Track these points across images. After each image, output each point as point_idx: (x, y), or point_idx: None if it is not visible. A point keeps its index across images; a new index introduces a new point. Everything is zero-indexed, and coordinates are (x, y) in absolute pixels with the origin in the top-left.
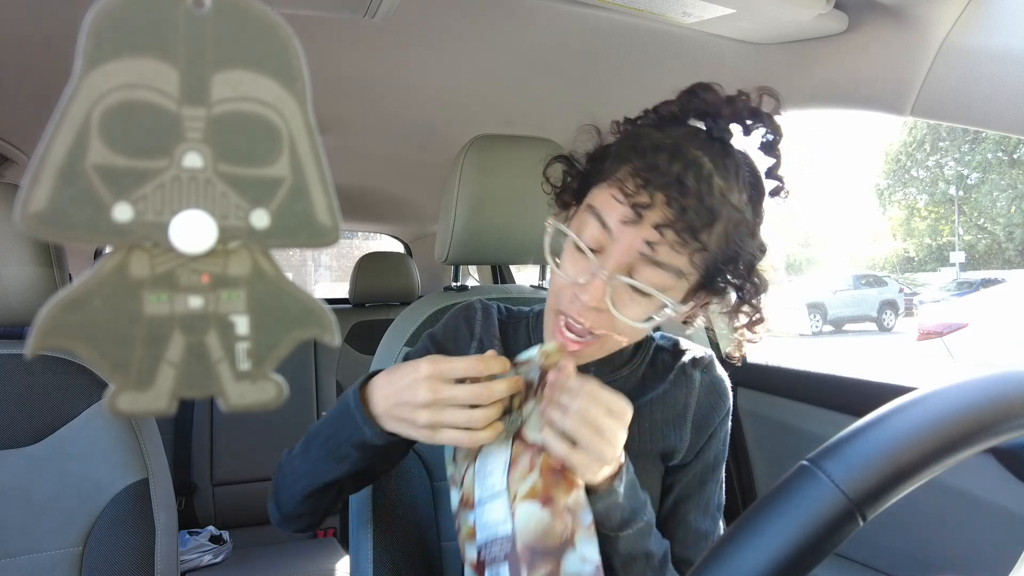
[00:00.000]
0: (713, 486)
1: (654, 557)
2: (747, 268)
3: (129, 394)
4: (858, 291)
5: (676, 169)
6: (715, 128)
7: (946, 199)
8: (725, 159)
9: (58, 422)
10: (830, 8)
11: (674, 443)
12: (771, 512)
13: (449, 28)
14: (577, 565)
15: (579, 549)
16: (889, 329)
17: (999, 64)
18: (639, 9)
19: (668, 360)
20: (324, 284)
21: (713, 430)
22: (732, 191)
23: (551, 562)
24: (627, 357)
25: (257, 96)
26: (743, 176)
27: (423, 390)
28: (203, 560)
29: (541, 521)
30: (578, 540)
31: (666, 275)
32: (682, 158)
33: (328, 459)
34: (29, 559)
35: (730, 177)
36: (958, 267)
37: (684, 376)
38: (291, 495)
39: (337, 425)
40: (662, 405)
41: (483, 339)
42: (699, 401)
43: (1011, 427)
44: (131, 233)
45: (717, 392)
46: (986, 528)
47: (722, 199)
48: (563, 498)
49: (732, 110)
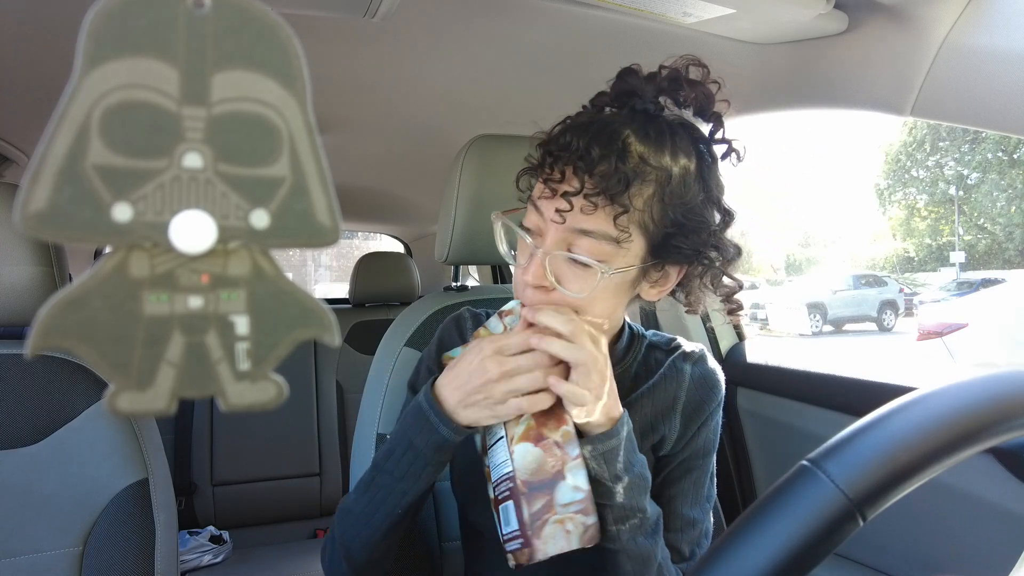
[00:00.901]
0: (701, 476)
1: (649, 518)
2: (705, 233)
3: (129, 394)
4: (858, 291)
5: (583, 142)
6: (639, 103)
7: (946, 199)
8: (648, 127)
9: (58, 422)
10: (830, 8)
11: (663, 433)
12: (771, 512)
13: (449, 28)
14: (569, 494)
15: (569, 479)
16: (889, 329)
17: (999, 64)
18: (639, 9)
19: (660, 357)
20: (324, 284)
21: (703, 420)
22: (659, 155)
23: (546, 493)
24: (619, 357)
25: (257, 96)
26: (679, 143)
27: (493, 365)
28: (203, 560)
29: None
30: (568, 471)
31: (601, 243)
32: (591, 131)
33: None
34: (29, 559)
35: (656, 142)
36: (958, 267)
37: (675, 370)
38: (366, 539)
39: (413, 433)
40: (652, 399)
41: None
42: (689, 394)
43: (1011, 427)
44: (131, 233)
45: (708, 385)
46: (986, 528)
47: (641, 162)
48: (553, 435)
49: (653, 84)
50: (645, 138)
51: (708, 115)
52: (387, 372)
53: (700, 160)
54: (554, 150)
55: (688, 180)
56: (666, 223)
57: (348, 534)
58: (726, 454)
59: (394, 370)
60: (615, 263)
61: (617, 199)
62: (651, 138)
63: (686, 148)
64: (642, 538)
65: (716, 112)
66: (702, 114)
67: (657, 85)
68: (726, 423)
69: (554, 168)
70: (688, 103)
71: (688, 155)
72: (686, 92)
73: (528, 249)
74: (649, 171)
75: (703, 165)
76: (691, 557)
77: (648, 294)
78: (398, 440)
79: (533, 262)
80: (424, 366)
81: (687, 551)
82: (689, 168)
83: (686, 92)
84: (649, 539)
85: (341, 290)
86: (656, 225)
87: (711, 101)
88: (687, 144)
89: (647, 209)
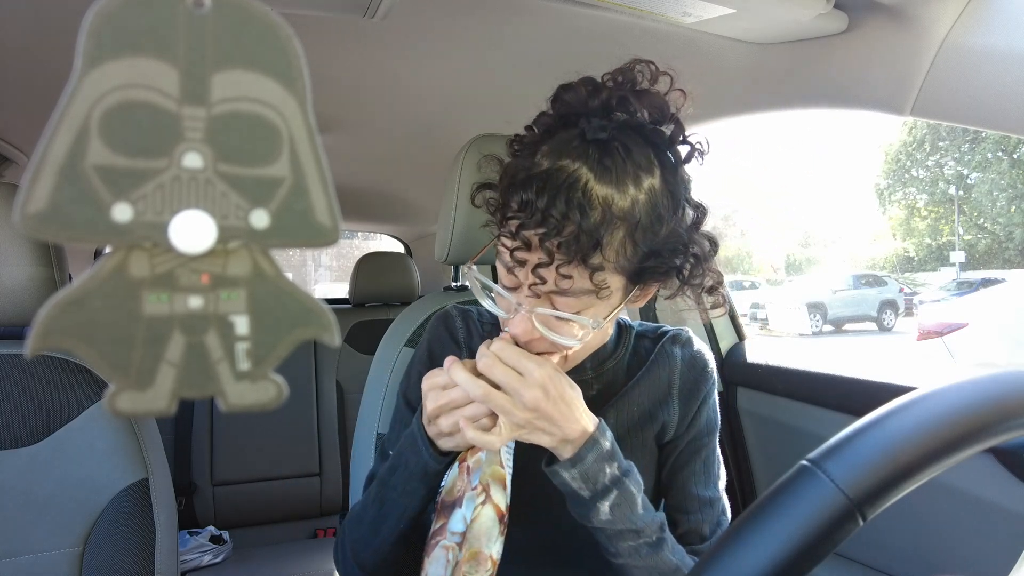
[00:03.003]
0: (710, 455)
1: (644, 533)
2: (681, 246)
3: (129, 394)
4: (858, 291)
5: (541, 202)
6: (588, 130)
7: (946, 199)
8: (606, 159)
9: (58, 422)
10: (830, 8)
11: (663, 420)
12: (771, 512)
13: (449, 28)
14: (459, 523)
15: (463, 508)
16: (889, 329)
17: (999, 64)
18: (639, 9)
19: (649, 345)
20: (324, 284)
21: (702, 399)
22: (623, 192)
23: (445, 516)
24: (610, 351)
25: (257, 96)
26: (639, 162)
27: (428, 402)
28: (203, 560)
29: (451, 479)
30: (465, 499)
31: (582, 298)
32: (549, 183)
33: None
34: (29, 559)
35: (616, 178)
36: (958, 267)
37: (665, 355)
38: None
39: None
40: (648, 387)
41: (470, 346)
42: (683, 376)
43: (1011, 427)
44: (131, 233)
45: (699, 364)
46: (986, 528)
47: (606, 211)
48: (470, 459)
49: (599, 102)
50: (604, 175)
51: (666, 120)
52: (387, 372)
53: (663, 168)
54: (512, 212)
55: (656, 203)
56: (641, 256)
57: (358, 543)
58: (726, 454)
59: (394, 370)
60: (601, 311)
61: (589, 260)
62: (610, 173)
63: (647, 164)
64: (646, 551)
65: (674, 115)
66: (659, 122)
67: (604, 102)
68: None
69: (516, 236)
70: (641, 112)
71: (650, 170)
72: (636, 105)
73: (510, 303)
74: (615, 219)
75: (667, 174)
76: (712, 536)
77: (632, 305)
78: (398, 457)
79: (518, 319)
80: (414, 370)
81: (707, 531)
82: (655, 187)
83: (636, 105)
84: (653, 551)
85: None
86: (632, 262)
87: (666, 107)
88: (648, 157)
89: (621, 253)
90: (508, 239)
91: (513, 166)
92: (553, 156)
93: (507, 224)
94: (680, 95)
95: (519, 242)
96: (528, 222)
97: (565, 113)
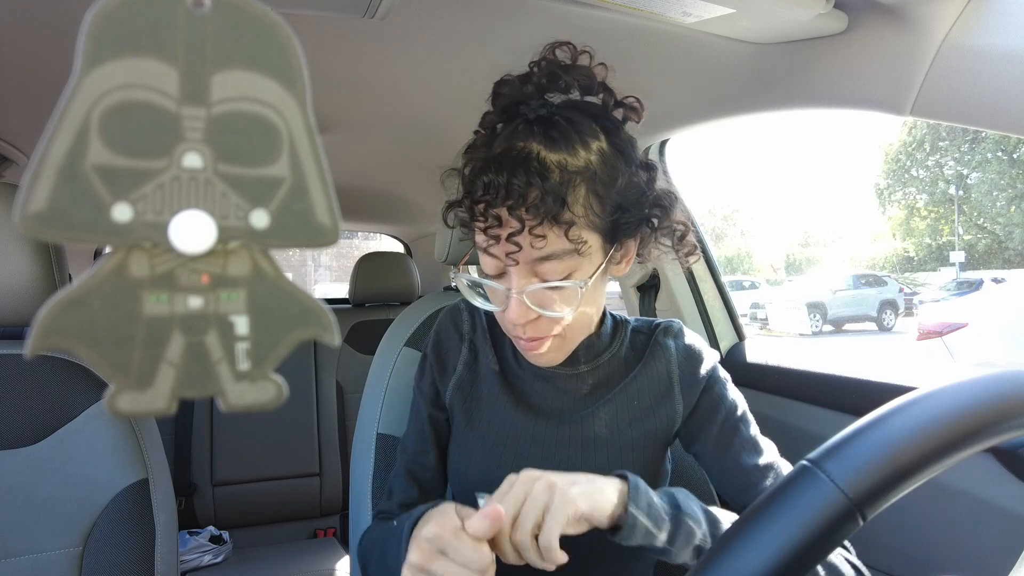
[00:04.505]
0: (747, 428)
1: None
2: (643, 197)
3: (129, 394)
4: (858, 291)
5: (501, 178)
6: (529, 112)
7: (946, 199)
8: (551, 131)
9: (58, 422)
10: (830, 8)
11: (667, 413)
12: (771, 512)
13: (449, 28)
14: None
15: None
16: (889, 329)
17: (999, 64)
18: (639, 9)
19: (644, 340)
20: (324, 284)
21: (706, 383)
22: (574, 154)
23: None
24: (606, 344)
25: (257, 96)
26: (584, 129)
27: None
28: (203, 560)
29: None
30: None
31: (565, 259)
32: (506, 162)
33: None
34: (29, 559)
35: (565, 143)
36: (958, 267)
37: (659, 346)
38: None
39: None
40: (647, 379)
41: (472, 340)
42: (681, 367)
43: (1011, 427)
44: (131, 233)
45: (695, 354)
46: (986, 528)
47: (563, 171)
48: None
49: (533, 86)
50: (554, 144)
51: (595, 89)
52: (387, 372)
53: (607, 134)
54: (478, 197)
55: (608, 160)
56: (609, 210)
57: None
58: None
59: (394, 370)
60: (586, 270)
61: (560, 217)
62: (559, 141)
63: (591, 130)
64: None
65: (602, 83)
66: (589, 92)
67: (537, 84)
68: None
69: (487, 216)
70: (572, 87)
71: (595, 135)
72: (565, 79)
73: (501, 293)
74: (574, 175)
75: (612, 138)
76: None
77: (617, 271)
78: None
79: (512, 303)
80: (428, 364)
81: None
82: (604, 148)
83: (565, 79)
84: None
85: (341, 290)
86: (602, 217)
87: (592, 76)
88: (590, 125)
89: (588, 208)
90: (481, 222)
91: (470, 162)
92: (504, 143)
93: (476, 210)
94: (602, 68)
95: (491, 220)
96: (495, 200)
97: (505, 106)
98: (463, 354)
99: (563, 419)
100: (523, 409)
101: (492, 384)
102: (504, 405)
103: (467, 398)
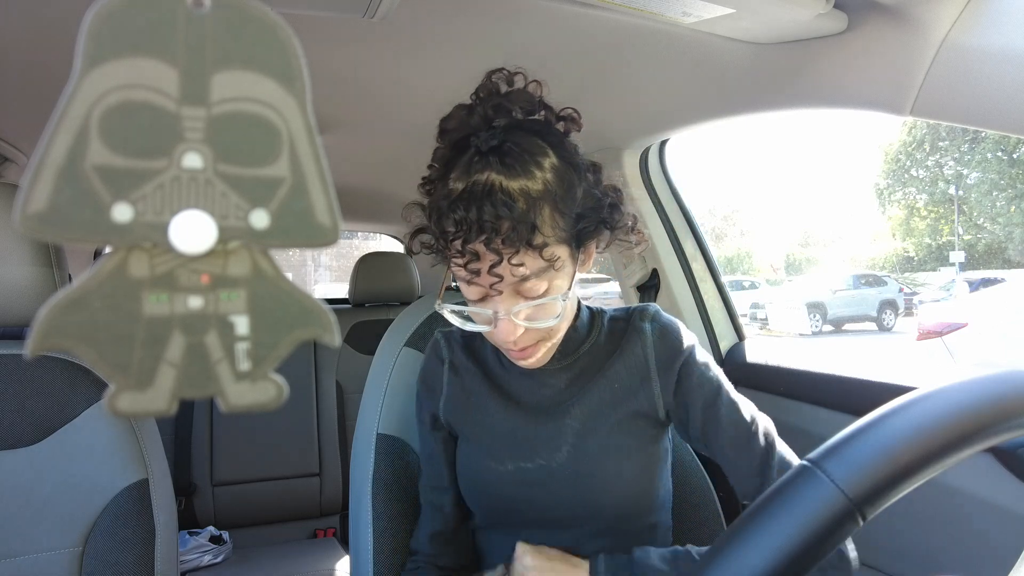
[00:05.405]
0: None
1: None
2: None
3: (129, 394)
4: (858, 291)
5: (473, 214)
6: (480, 143)
7: (946, 199)
8: (506, 159)
9: (58, 422)
10: (830, 8)
11: (647, 395)
12: (771, 512)
13: (449, 28)
14: None
15: None
16: (889, 329)
17: (999, 64)
18: (639, 9)
19: (623, 326)
20: (324, 284)
21: (681, 366)
22: (531, 177)
23: None
24: (583, 335)
25: (257, 96)
26: (534, 149)
27: None
28: (203, 560)
29: None
30: None
31: (542, 277)
32: (473, 197)
33: None
34: (29, 559)
35: (521, 168)
36: (958, 267)
37: (636, 330)
38: None
39: None
40: (624, 364)
41: (451, 360)
42: (656, 351)
43: (1011, 427)
44: (131, 233)
45: (671, 335)
46: (986, 528)
47: (526, 197)
48: None
49: (478, 118)
50: (511, 171)
51: (536, 109)
52: (387, 372)
53: (554, 148)
54: (452, 235)
55: (561, 175)
56: (572, 221)
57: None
58: None
59: (394, 370)
60: (562, 279)
61: (532, 241)
62: (515, 167)
63: (539, 148)
64: None
65: (540, 100)
66: (531, 112)
67: (483, 115)
68: None
69: (464, 252)
70: (515, 111)
71: (544, 153)
72: (508, 105)
73: (488, 315)
74: (536, 199)
75: (559, 151)
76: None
77: (583, 269)
78: None
79: (501, 324)
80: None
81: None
82: (555, 164)
83: (508, 105)
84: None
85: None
86: (567, 230)
87: (532, 97)
88: (537, 143)
89: (555, 226)
90: (458, 258)
91: (435, 200)
92: (463, 177)
93: (451, 248)
94: (536, 85)
95: (468, 256)
96: (469, 235)
97: (455, 140)
98: (446, 374)
99: (552, 411)
100: (513, 407)
101: (480, 390)
102: (495, 406)
103: (460, 410)
